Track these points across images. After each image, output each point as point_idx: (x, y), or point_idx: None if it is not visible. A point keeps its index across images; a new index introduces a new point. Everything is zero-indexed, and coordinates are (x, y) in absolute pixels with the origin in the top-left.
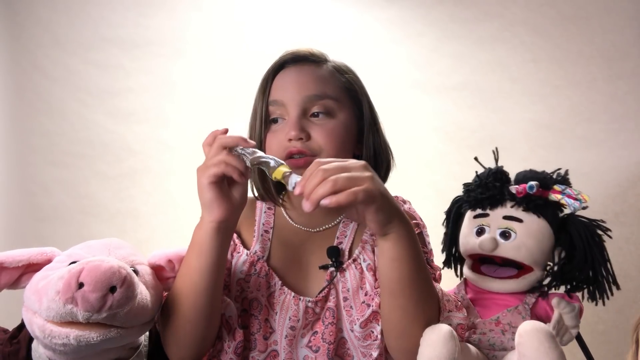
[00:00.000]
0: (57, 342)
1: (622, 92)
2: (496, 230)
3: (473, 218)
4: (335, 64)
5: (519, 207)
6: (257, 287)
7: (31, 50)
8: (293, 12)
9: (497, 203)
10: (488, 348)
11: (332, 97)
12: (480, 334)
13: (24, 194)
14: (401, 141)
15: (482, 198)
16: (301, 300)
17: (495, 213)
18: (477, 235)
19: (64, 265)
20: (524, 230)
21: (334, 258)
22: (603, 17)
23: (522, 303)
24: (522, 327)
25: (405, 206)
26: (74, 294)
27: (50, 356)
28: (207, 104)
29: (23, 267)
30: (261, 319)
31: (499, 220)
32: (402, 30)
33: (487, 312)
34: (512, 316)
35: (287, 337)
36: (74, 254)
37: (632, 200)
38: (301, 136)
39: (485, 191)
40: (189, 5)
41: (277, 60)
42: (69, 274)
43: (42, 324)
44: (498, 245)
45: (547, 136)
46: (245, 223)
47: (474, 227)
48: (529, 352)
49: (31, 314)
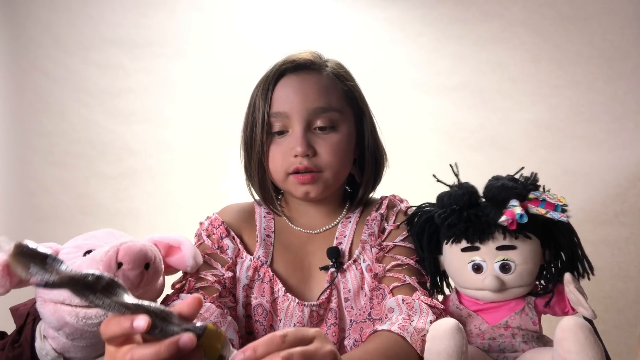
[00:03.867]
0: (92, 323)
1: (622, 92)
2: (493, 264)
3: (462, 251)
4: (334, 69)
5: (511, 235)
6: (261, 292)
7: (31, 50)
8: (293, 13)
9: (487, 236)
10: (498, 352)
11: (336, 109)
12: (489, 340)
13: (24, 194)
14: (401, 141)
15: (468, 234)
16: (305, 306)
17: (487, 246)
18: (474, 271)
19: (78, 255)
20: (521, 257)
21: (334, 259)
22: (603, 18)
23: (526, 304)
24: (564, 324)
25: (402, 205)
26: (115, 273)
27: (66, 347)
28: (207, 105)
29: None
30: (266, 325)
31: (492, 252)
32: (401, 30)
33: (493, 317)
34: (520, 319)
35: None
36: (82, 244)
37: (632, 200)
38: (308, 153)
39: (471, 226)
40: (190, 5)
41: (277, 68)
42: (107, 256)
43: (73, 310)
44: (504, 281)
45: (547, 136)
46: (246, 228)
47: (467, 262)
48: (575, 347)
49: (53, 304)
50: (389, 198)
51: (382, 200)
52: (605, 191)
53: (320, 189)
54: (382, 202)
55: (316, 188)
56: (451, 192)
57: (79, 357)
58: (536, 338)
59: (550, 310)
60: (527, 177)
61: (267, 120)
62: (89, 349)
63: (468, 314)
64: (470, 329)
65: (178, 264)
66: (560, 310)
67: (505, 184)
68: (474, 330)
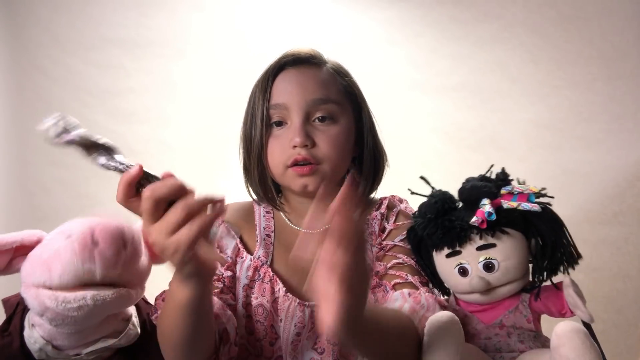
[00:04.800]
0: (72, 307)
1: (621, 93)
2: (477, 265)
3: (446, 257)
4: (334, 66)
5: (486, 234)
6: (261, 292)
7: (31, 50)
8: (293, 13)
9: (464, 239)
10: (494, 352)
11: (335, 102)
12: (485, 339)
13: (24, 194)
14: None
15: (446, 240)
16: (307, 307)
17: (467, 249)
18: (460, 275)
19: (61, 239)
20: (502, 254)
21: None
22: (602, 18)
23: (520, 302)
24: (559, 329)
25: (402, 205)
26: (92, 252)
27: (52, 335)
28: (208, 105)
29: (13, 249)
30: (267, 325)
31: (474, 253)
32: (401, 31)
33: (488, 317)
34: (514, 317)
35: (293, 342)
36: (64, 230)
37: (631, 200)
38: (306, 143)
39: (446, 233)
40: (190, 6)
41: (277, 61)
42: (82, 234)
43: (52, 294)
44: (489, 281)
45: (546, 136)
46: (246, 227)
47: (454, 267)
48: (572, 354)
49: (35, 288)
50: (388, 198)
51: (382, 200)
52: (604, 191)
53: (318, 182)
54: (382, 202)
55: (314, 181)
56: (426, 202)
57: (67, 345)
58: (533, 337)
59: (546, 310)
60: (498, 173)
61: (266, 113)
62: (75, 337)
63: (464, 315)
64: (467, 330)
65: None
66: (557, 311)
67: (475, 184)
68: (471, 330)
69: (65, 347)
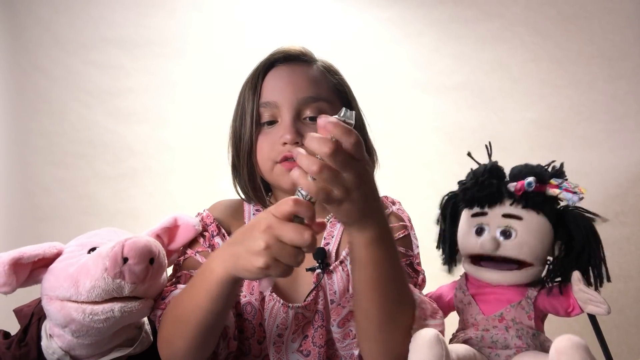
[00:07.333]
0: (99, 319)
1: (623, 92)
2: (496, 229)
3: (471, 217)
4: (324, 64)
5: (518, 204)
6: (250, 290)
7: (31, 50)
8: (293, 13)
9: (495, 201)
10: (490, 346)
11: (325, 99)
12: (482, 331)
13: (24, 194)
14: (401, 141)
15: (479, 197)
16: (290, 308)
17: (494, 211)
18: (476, 235)
19: (83, 253)
20: (525, 228)
21: (320, 260)
22: (603, 17)
23: (524, 298)
24: (559, 344)
25: (394, 207)
26: (122, 268)
27: (72, 345)
28: (207, 104)
29: (33, 262)
30: (255, 324)
31: (498, 218)
32: (402, 30)
33: (490, 308)
34: (515, 312)
35: (275, 344)
36: (86, 242)
37: (633, 200)
38: (297, 140)
39: (482, 189)
40: (190, 5)
41: (267, 58)
42: (113, 251)
43: (79, 306)
44: (500, 245)
45: (548, 136)
46: (235, 225)
47: (473, 226)
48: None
49: (60, 301)
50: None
51: None
52: (605, 191)
53: None
54: None
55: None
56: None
57: (84, 354)
58: (532, 335)
59: (552, 309)
60: (554, 166)
61: (256, 111)
62: (93, 347)
63: (469, 302)
64: (467, 318)
65: (187, 233)
66: (563, 310)
67: (529, 164)
68: (470, 319)
69: (82, 357)
